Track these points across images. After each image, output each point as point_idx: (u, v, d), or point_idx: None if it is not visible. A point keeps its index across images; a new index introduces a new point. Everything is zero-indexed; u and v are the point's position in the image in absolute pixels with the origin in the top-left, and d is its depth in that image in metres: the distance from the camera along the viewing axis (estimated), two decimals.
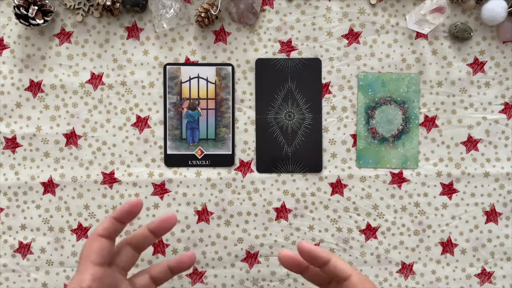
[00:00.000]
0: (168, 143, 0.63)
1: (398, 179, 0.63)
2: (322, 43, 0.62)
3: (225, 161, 0.63)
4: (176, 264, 0.52)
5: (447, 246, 0.63)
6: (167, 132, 0.63)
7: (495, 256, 0.63)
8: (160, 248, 0.63)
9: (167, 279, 0.52)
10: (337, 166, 0.63)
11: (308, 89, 0.63)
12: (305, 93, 0.63)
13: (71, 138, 0.63)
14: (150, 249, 0.63)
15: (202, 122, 0.62)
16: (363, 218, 0.63)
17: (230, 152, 0.63)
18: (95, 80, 0.63)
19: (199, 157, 0.63)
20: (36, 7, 0.59)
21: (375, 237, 0.63)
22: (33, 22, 0.59)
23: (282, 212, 0.63)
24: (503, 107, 0.62)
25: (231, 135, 0.63)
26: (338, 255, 0.63)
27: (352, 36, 0.62)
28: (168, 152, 0.63)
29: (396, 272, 0.64)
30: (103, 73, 0.63)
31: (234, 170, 0.63)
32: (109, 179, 0.63)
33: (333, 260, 0.46)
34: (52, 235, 0.64)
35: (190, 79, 0.62)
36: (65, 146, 0.63)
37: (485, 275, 0.63)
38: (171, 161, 0.63)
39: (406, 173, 0.63)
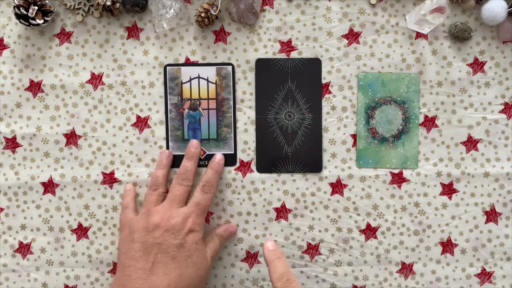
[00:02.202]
0: (170, 144, 0.63)
1: (398, 179, 0.63)
2: (322, 43, 0.62)
3: (228, 160, 0.63)
4: (225, 233, 0.62)
5: (447, 246, 0.63)
6: (169, 133, 0.63)
7: (495, 256, 0.63)
8: None
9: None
10: (337, 166, 0.63)
11: (308, 89, 0.63)
12: (305, 93, 0.63)
13: (71, 138, 0.63)
14: None
15: (203, 122, 0.62)
16: (363, 218, 0.63)
17: (233, 152, 0.63)
18: (95, 80, 0.63)
19: (202, 157, 0.63)
20: (36, 7, 0.59)
21: (375, 237, 0.63)
22: (33, 22, 0.59)
23: (282, 212, 0.63)
24: (503, 107, 0.62)
25: (232, 135, 0.63)
26: (338, 255, 0.63)
27: (352, 36, 0.62)
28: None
29: (396, 272, 0.64)
30: (103, 73, 0.63)
31: (234, 170, 0.63)
32: (109, 179, 0.63)
33: (270, 265, 0.54)
34: (52, 235, 0.64)
35: (190, 79, 0.62)
36: (65, 146, 0.63)
37: (485, 275, 0.64)
38: (174, 162, 0.63)
39: (406, 173, 0.63)
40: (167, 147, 0.63)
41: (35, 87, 0.63)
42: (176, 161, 0.63)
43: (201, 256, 0.57)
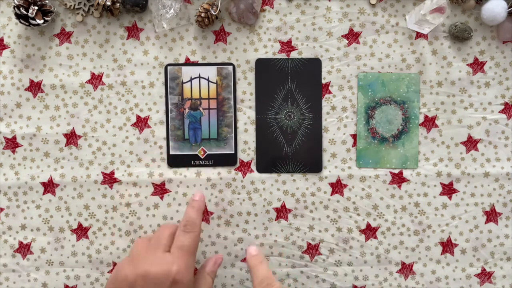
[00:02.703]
0: (170, 143, 0.63)
1: (398, 179, 0.63)
2: (322, 43, 0.62)
3: (228, 160, 0.63)
4: (215, 267, 0.59)
5: (447, 246, 0.63)
6: (170, 132, 0.63)
7: (495, 256, 0.63)
8: None
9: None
10: (337, 166, 0.63)
11: (308, 89, 0.63)
12: (305, 93, 0.63)
13: (71, 138, 0.63)
14: None
15: (204, 122, 0.62)
16: (363, 218, 0.63)
17: (233, 152, 0.63)
18: (95, 80, 0.63)
19: (202, 157, 0.63)
20: (36, 7, 0.59)
21: (375, 237, 0.63)
22: (33, 22, 0.59)
23: (282, 212, 0.63)
24: (503, 107, 0.62)
25: (233, 134, 0.63)
26: (338, 255, 0.63)
27: (352, 36, 0.62)
28: (171, 152, 0.63)
29: (396, 272, 0.64)
30: (103, 73, 0.63)
31: (234, 170, 0.63)
32: (109, 179, 0.63)
33: (252, 270, 0.54)
34: (52, 235, 0.64)
35: (191, 79, 0.62)
36: (65, 146, 0.63)
37: (485, 275, 0.64)
38: (174, 161, 0.63)
39: (406, 173, 0.63)
40: (167, 147, 0.63)
41: (35, 87, 0.63)
42: (175, 161, 0.63)
43: None
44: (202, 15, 0.60)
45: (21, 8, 0.59)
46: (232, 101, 0.63)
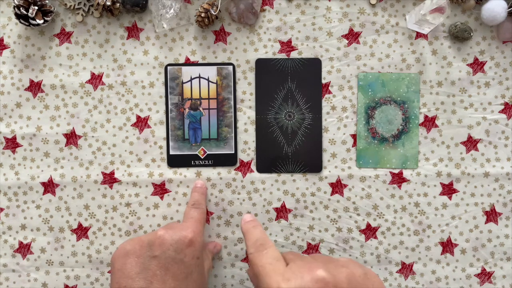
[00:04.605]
0: (170, 143, 0.63)
1: (398, 179, 0.63)
2: (322, 43, 0.62)
3: (228, 160, 0.63)
4: (214, 249, 0.63)
5: (447, 246, 0.63)
6: (170, 132, 0.63)
7: (495, 256, 0.63)
8: None
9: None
10: (337, 166, 0.63)
11: (308, 89, 0.63)
12: (305, 93, 0.63)
13: (71, 138, 0.63)
14: None
15: (204, 122, 0.62)
16: (363, 218, 0.63)
17: (233, 152, 0.63)
18: (95, 80, 0.63)
19: (202, 157, 0.63)
20: (36, 7, 0.59)
21: (375, 237, 0.63)
22: (33, 22, 0.59)
23: (282, 212, 0.63)
24: (503, 107, 0.62)
25: (233, 135, 0.63)
26: (338, 255, 0.63)
27: (352, 36, 0.62)
28: (171, 152, 0.63)
29: (396, 272, 0.64)
30: (103, 73, 0.63)
31: (234, 170, 0.63)
32: (109, 179, 0.63)
33: (246, 234, 0.51)
34: (52, 235, 0.64)
35: (191, 79, 0.62)
36: (65, 146, 0.63)
37: (485, 275, 0.64)
38: (174, 161, 0.63)
39: (406, 173, 0.63)
40: (167, 147, 0.63)
41: (35, 87, 0.63)
42: (175, 161, 0.63)
43: (201, 273, 0.54)
44: (202, 15, 0.60)
45: (21, 8, 0.59)
46: (232, 101, 0.63)
